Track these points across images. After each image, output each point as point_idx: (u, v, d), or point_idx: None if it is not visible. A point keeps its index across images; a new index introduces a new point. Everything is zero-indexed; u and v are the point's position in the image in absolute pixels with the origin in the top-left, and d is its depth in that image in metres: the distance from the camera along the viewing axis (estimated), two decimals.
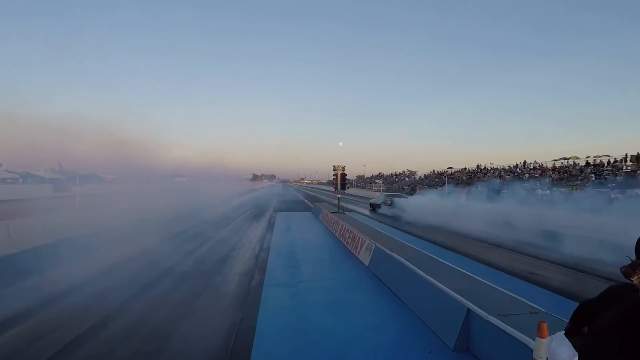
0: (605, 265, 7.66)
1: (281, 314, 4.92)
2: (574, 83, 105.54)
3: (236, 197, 37.03)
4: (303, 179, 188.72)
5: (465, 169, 41.83)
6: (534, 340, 2.87)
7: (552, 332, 3.23)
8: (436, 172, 47.49)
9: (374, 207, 21.52)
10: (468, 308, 3.69)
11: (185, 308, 5.14)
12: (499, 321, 3.24)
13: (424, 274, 4.85)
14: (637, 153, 21.77)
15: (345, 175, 15.73)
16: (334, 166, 16.07)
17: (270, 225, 14.51)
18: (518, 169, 32.41)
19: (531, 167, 31.37)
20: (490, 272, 7.27)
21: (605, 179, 20.72)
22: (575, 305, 1.75)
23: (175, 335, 4.26)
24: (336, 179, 15.95)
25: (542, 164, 30.65)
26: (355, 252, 8.80)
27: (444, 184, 32.84)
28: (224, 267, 7.67)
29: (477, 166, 39.66)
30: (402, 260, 5.77)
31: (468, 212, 15.26)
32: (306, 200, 32.86)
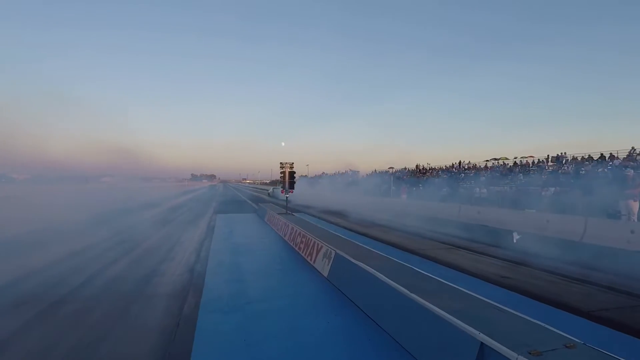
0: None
1: (225, 357, 3.60)
2: (506, 88, 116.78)
3: (170, 199, 33.76)
4: (245, 179, 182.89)
5: (405, 168, 43.19)
6: None
7: None
8: (377, 172, 48.44)
9: (268, 195, 40.35)
10: (481, 342, 2.78)
11: (83, 357, 3.56)
12: None
13: (407, 292, 3.90)
14: (557, 154, 23.97)
15: (294, 172, 14.46)
16: (281, 163, 14.69)
17: (210, 229, 12.79)
18: (454, 169, 34.12)
19: (466, 167, 33.20)
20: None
21: (532, 177, 22.38)
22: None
23: None
24: (284, 177, 14.64)
25: (476, 164, 32.60)
26: (311, 259, 7.69)
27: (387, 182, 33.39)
28: (147, 286, 6.03)
29: (417, 166, 41.14)
30: (374, 272, 4.79)
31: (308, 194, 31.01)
32: (249, 201, 31.12)
